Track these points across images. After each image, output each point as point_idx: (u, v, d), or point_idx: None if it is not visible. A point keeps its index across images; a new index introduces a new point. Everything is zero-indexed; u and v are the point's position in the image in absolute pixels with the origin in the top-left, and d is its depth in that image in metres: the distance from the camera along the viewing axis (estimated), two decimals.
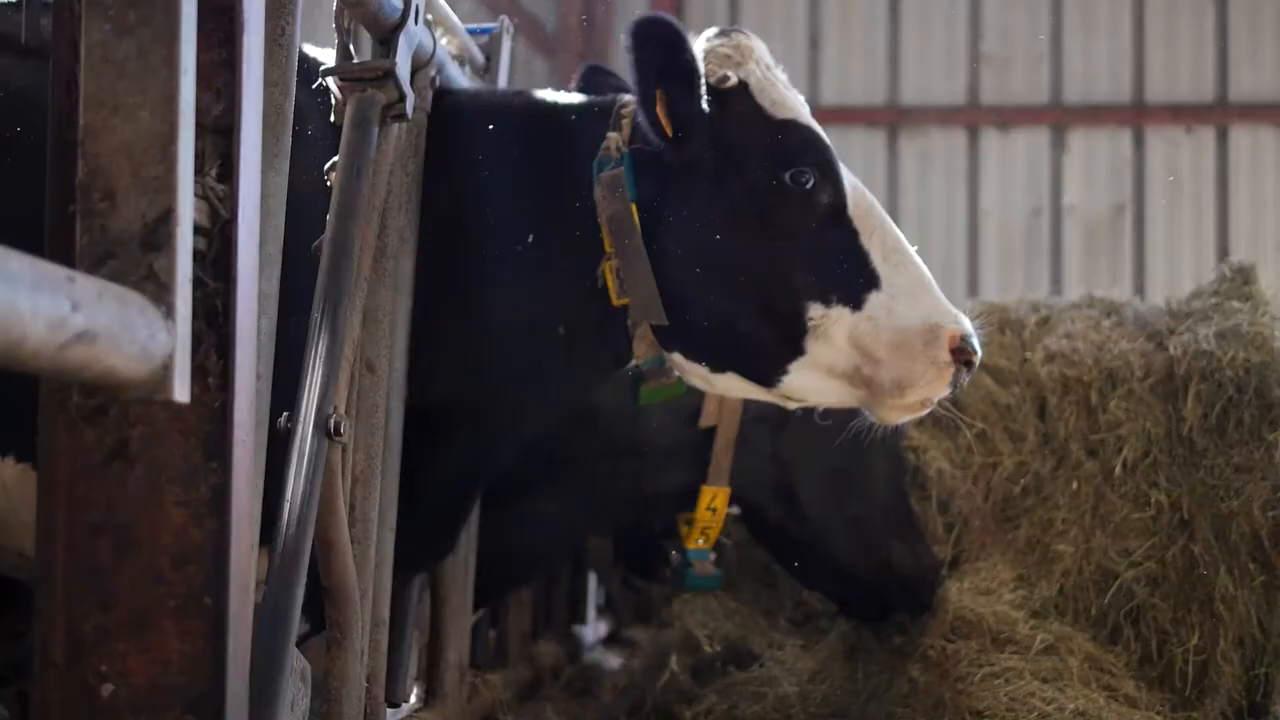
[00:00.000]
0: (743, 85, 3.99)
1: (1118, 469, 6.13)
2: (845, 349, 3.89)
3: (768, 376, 3.99)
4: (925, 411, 4.07)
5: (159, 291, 1.85)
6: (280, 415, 2.94)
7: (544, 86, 4.55)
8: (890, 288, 3.91)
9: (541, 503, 5.29)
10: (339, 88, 3.35)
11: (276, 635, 2.76)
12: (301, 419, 2.95)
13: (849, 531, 5.86)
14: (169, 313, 1.85)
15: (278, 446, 2.90)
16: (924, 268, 3.98)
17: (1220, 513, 6.07)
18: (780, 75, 4.10)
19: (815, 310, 3.87)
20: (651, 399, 4.17)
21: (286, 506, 2.88)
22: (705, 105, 3.89)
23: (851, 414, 4.28)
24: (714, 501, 5.59)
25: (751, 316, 3.92)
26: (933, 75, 12.57)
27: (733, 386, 4.14)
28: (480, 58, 4.66)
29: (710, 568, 5.84)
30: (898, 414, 4.02)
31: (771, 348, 3.94)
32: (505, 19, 4.78)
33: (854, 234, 3.96)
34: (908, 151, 12.48)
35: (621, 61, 3.97)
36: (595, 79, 4.65)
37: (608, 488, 5.52)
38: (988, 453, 6.25)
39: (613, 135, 3.97)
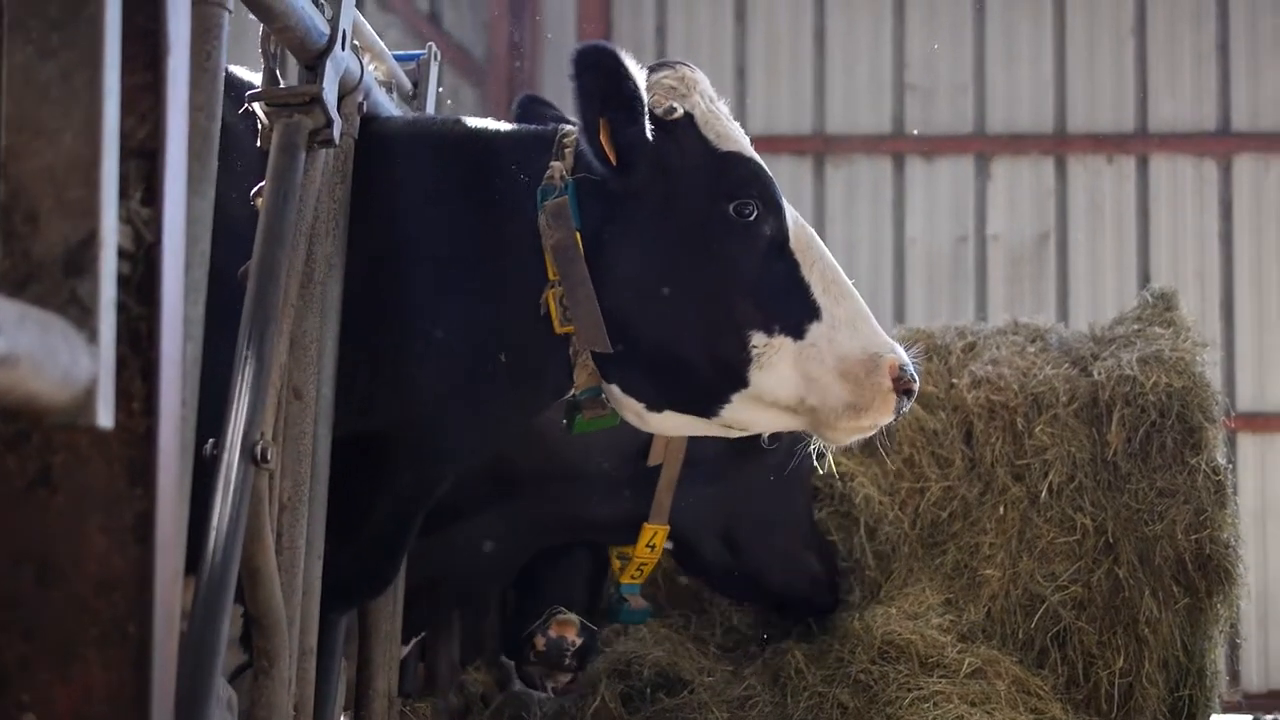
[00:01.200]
0: (688, 117, 4.03)
1: (1043, 494, 6.19)
2: (790, 377, 3.94)
3: (710, 407, 4.02)
4: (872, 433, 4.11)
5: (82, 316, 1.83)
6: (206, 442, 2.91)
7: (473, 114, 4.56)
8: (830, 319, 3.96)
9: (479, 526, 5.29)
10: (265, 113, 3.33)
11: (202, 664, 2.73)
12: (228, 445, 2.93)
13: (778, 558, 5.94)
14: (92, 337, 1.82)
15: (204, 473, 2.88)
16: (861, 300, 4.05)
17: (1144, 536, 6.14)
18: (722, 108, 4.15)
19: (758, 339, 3.92)
20: (586, 429, 4.16)
21: (212, 534, 2.86)
22: (650, 134, 3.90)
23: (790, 447, 4.33)
24: (654, 539, 5.63)
25: (695, 346, 3.95)
26: (858, 105, 12.66)
27: (667, 424, 4.16)
28: (408, 84, 4.65)
29: (642, 601, 5.88)
30: (848, 435, 4.09)
31: (715, 377, 3.97)
32: (433, 45, 4.78)
33: (795, 265, 4.02)
34: (834, 180, 12.56)
35: (551, 90, 3.99)
36: (532, 109, 4.67)
37: (548, 511, 5.52)
38: (915, 478, 6.29)
39: (556, 164, 3.97)
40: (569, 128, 4.09)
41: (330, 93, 3.34)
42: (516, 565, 5.81)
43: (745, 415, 4.04)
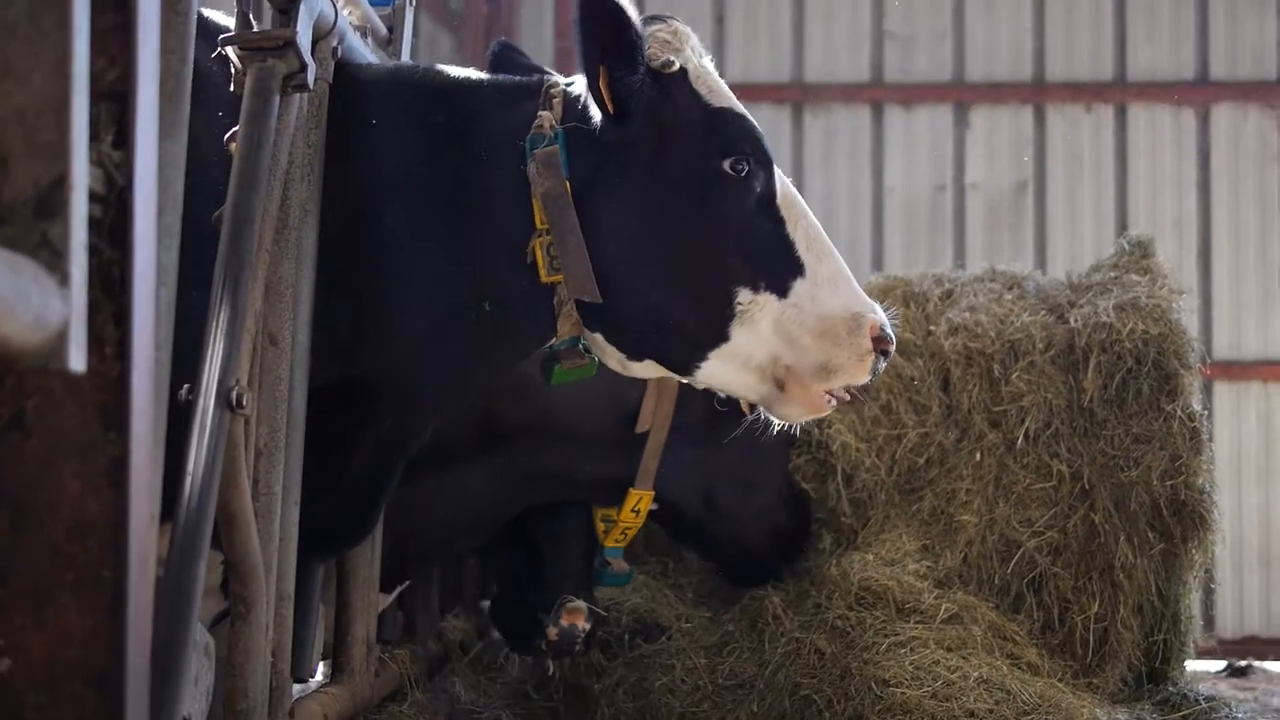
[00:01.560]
0: (682, 71, 4.06)
1: (1020, 440, 6.22)
2: (769, 336, 3.98)
3: (687, 363, 4.06)
4: (828, 411, 4.18)
5: (53, 259, 1.82)
6: (181, 387, 2.90)
7: (449, 62, 4.54)
8: (813, 276, 4.02)
9: (465, 477, 5.29)
10: (238, 57, 3.31)
11: (178, 609, 2.73)
12: (203, 391, 2.92)
13: (756, 518, 5.98)
14: (64, 281, 1.82)
15: (179, 419, 2.87)
16: (840, 259, 4.11)
17: (1120, 482, 6.18)
18: (709, 64, 4.19)
19: (744, 296, 3.96)
20: (564, 379, 4.17)
21: (188, 479, 2.85)
22: (646, 87, 3.94)
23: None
24: (639, 504, 5.64)
25: (681, 299, 3.98)
26: (837, 53, 12.60)
27: (647, 372, 4.18)
28: (383, 29, 4.62)
29: (624, 565, 5.91)
30: (804, 410, 4.13)
31: (697, 332, 4.01)
32: None
33: (781, 223, 4.07)
34: (813, 128, 12.51)
35: (529, 38, 3.99)
36: (506, 57, 4.68)
37: (534, 467, 5.53)
38: (892, 425, 6.31)
39: (544, 114, 3.98)
40: (555, 77, 4.13)
41: (304, 37, 3.32)
42: (501, 520, 5.82)
43: (719, 374, 4.08)
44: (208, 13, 3.63)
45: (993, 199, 12.49)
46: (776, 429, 4.30)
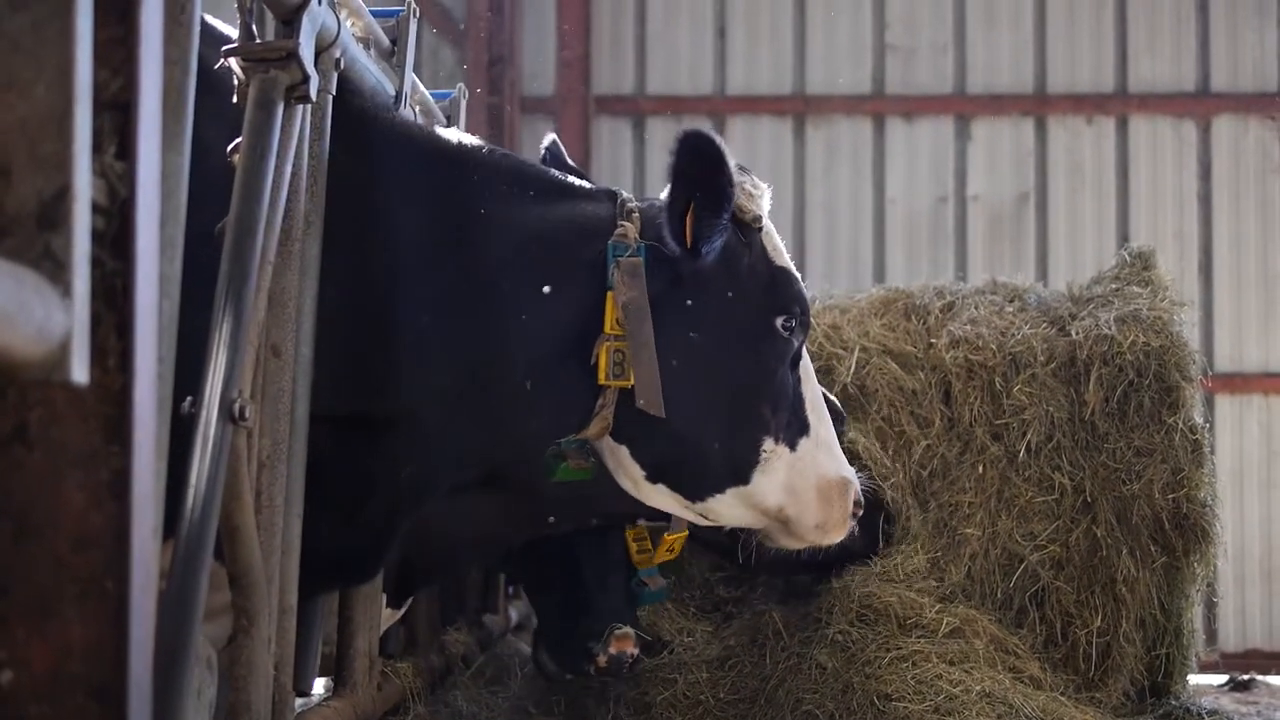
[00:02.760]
0: (758, 222, 4.28)
1: (1021, 453, 6.22)
2: (779, 487, 4.27)
3: (703, 494, 4.30)
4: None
5: (56, 270, 1.82)
6: (184, 400, 2.90)
7: (451, 75, 4.59)
8: (815, 436, 4.36)
9: (479, 499, 5.25)
10: (241, 68, 3.31)
11: (181, 622, 2.72)
12: (205, 403, 2.91)
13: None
14: (66, 292, 1.81)
15: (182, 432, 2.87)
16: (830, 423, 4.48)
17: (1122, 495, 6.17)
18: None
19: (768, 444, 4.24)
20: (565, 477, 4.23)
21: (190, 492, 2.84)
22: (727, 231, 4.14)
23: None
24: (673, 544, 5.59)
25: (719, 435, 4.20)
26: (839, 65, 12.62)
27: (656, 498, 4.33)
28: (386, 40, 4.62)
29: (660, 580, 5.86)
30: (803, 544, 4.53)
31: (722, 469, 4.23)
32: (411, 2, 4.75)
33: (800, 381, 4.38)
34: (815, 140, 12.52)
35: (530, 53, 4.01)
36: (557, 154, 4.93)
37: (553, 500, 5.48)
38: (897, 437, 6.30)
39: (627, 225, 4.13)
40: (627, 195, 4.30)
41: (307, 48, 3.31)
42: (513, 541, 5.79)
43: (727, 509, 4.34)
44: (214, 22, 3.64)
45: (994, 211, 12.51)
46: None
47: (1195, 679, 6.86)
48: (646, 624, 6.06)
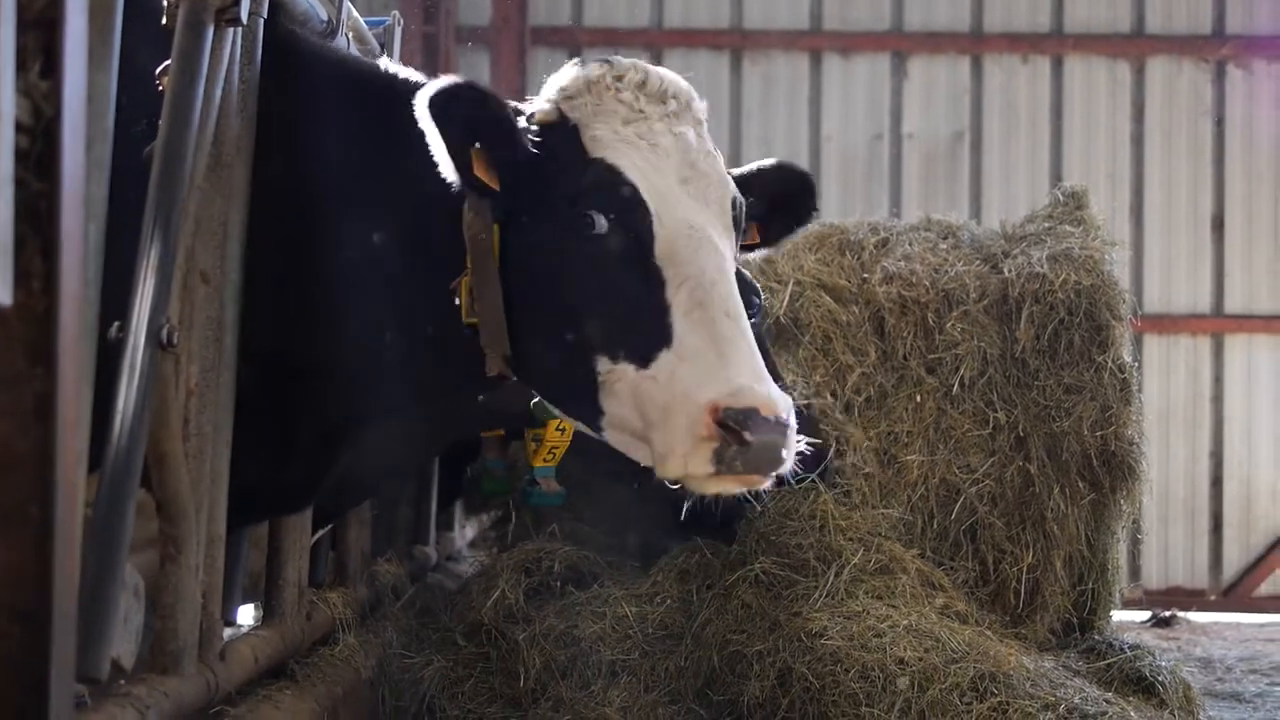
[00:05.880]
0: (565, 120, 3.82)
1: (955, 387, 6.25)
2: (632, 412, 3.62)
3: (586, 420, 3.82)
4: (745, 488, 3.59)
5: None
6: (111, 325, 2.86)
7: (385, 5, 4.50)
8: (680, 347, 3.54)
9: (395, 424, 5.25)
10: None
11: (108, 548, 2.70)
12: (133, 328, 2.88)
13: None
14: None
15: (109, 358, 2.83)
16: (733, 325, 3.58)
17: (1052, 432, 6.24)
18: (640, 102, 3.83)
19: (603, 365, 3.64)
20: (539, 502, 4.14)
21: (118, 418, 2.82)
22: (531, 149, 3.77)
23: None
24: (563, 422, 5.57)
25: (560, 365, 3.79)
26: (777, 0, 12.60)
27: (566, 421, 4.18)
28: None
29: (555, 485, 5.83)
30: (697, 484, 3.56)
31: (579, 401, 3.78)
32: None
33: (660, 284, 3.63)
34: (751, 75, 12.49)
35: (467, 9, 3.90)
36: None
37: (470, 408, 5.48)
38: (830, 364, 6.31)
39: None
40: None
41: None
42: (429, 457, 5.77)
43: (620, 442, 3.77)
44: None
45: (929, 148, 12.55)
46: None
47: (1119, 615, 6.96)
48: (577, 558, 6.07)
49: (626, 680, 5.43)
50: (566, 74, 3.88)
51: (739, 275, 5.35)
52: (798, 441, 3.49)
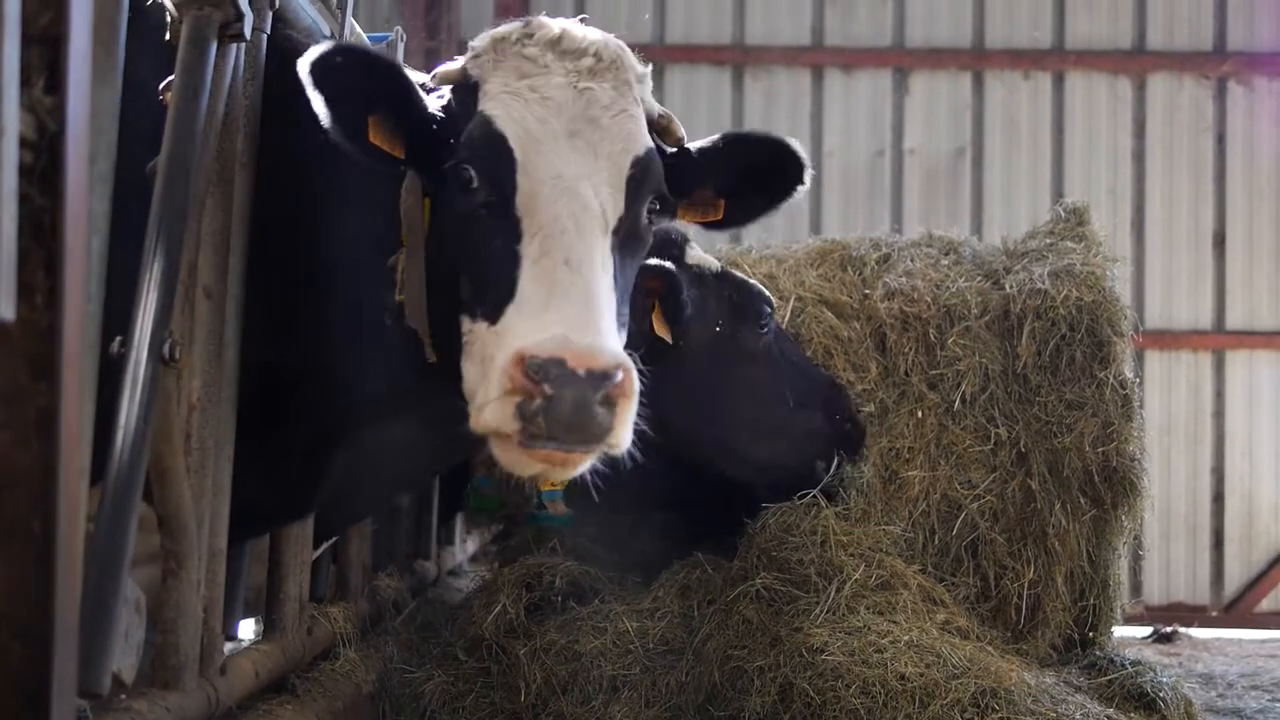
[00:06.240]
0: (468, 78, 3.68)
1: (957, 403, 6.25)
2: (476, 370, 3.39)
3: (463, 398, 3.48)
4: (555, 466, 3.26)
5: None
6: (114, 340, 2.87)
7: (388, 18, 4.50)
8: (520, 301, 3.31)
9: (394, 434, 5.24)
10: (175, 5, 3.26)
11: (109, 564, 2.70)
12: (135, 343, 2.88)
13: (747, 429, 5.85)
14: None
15: (111, 373, 2.84)
16: (570, 273, 3.32)
17: (1054, 448, 6.23)
18: (546, 58, 3.64)
19: (465, 325, 3.47)
20: (551, 521, 4.04)
21: (120, 433, 2.82)
22: (436, 111, 3.65)
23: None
24: None
25: (447, 333, 3.60)
26: (778, 15, 12.60)
27: None
28: None
29: (562, 507, 5.83)
30: (491, 435, 3.28)
31: (456, 371, 3.52)
32: None
33: (517, 237, 3.41)
34: (753, 91, 12.50)
35: (472, 10, 3.86)
36: None
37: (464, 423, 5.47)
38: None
39: None
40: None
41: None
42: (436, 471, 5.75)
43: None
44: None
45: (931, 164, 12.55)
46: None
47: (1120, 631, 6.94)
48: (578, 574, 6.06)
49: (627, 695, 5.43)
50: (480, 41, 3.72)
51: (746, 284, 5.28)
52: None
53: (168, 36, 3.29)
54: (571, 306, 3.23)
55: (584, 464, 3.27)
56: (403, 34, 5.39)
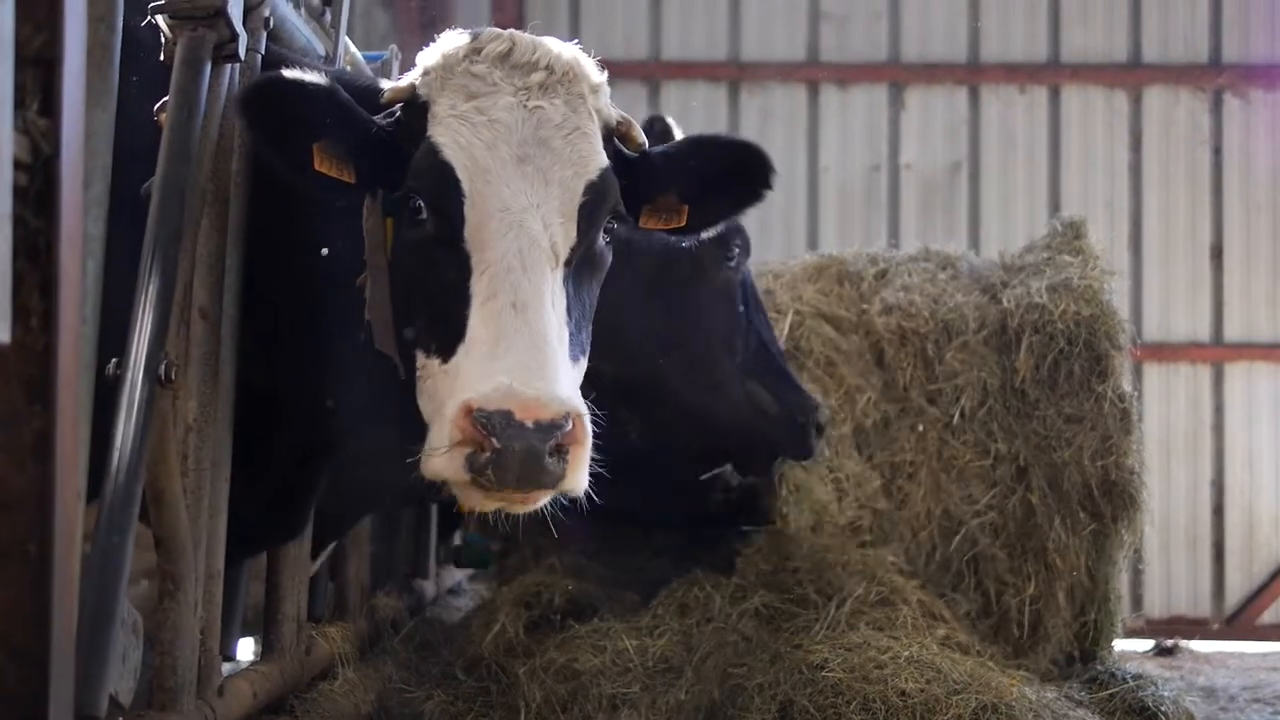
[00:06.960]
0: (416, 98, 3.60)
1: (956, 417, 6.25)
2: (428, 409, 3.39)
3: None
4: (508, 506, 3.31)
5: None
6: (109, 362, 2.86)
7: (383, 38, 4.49)
8: (469, 341, 3.30)
9: (385, 438, 5.22)
10: (169, 26, 3.26)
11: (106, 586, 2.70)
12: (131, 365, 2.88)
13: (708, 398, 5.77)
14: None
15: (107, 395, 2.83)
16: (516, 317, 3.29)
17: (1053, 462, 6.24)
18: (495, 75, 3.56)
19: (420, 359, 3.45)
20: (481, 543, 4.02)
21: (116, 455, 2.81)
22: (383, 132, 3.57)
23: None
24: None
25: (406, 364, 3.55)
26: (774, 31, 12.61)
27: None
28: (317, 0, 4.57)
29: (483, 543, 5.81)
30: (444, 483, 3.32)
31: (412, 405, 3.49)
32: None
33: (467, 272, 3.38)
34: (749, 107, 12.51)
35: (465, 13, 3.83)
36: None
37: None
38: (837, 387, 6.31)
39: None
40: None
41: (235, 6, 3.28)
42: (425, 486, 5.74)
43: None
44: None
45: (927, 179, 12.56)
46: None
47: (1121, 644, 6.94)
48: (577, 592, 6.06)
49: (627, 714, 5.41)
50: (432, 48, 3.64)
51: (755, 297, 5.22)
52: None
53: (162, 57, 3.29)
54: (519, 354, 3.21)
55: (544, 499, 3.27)
56: (398, 52, 5.39)
